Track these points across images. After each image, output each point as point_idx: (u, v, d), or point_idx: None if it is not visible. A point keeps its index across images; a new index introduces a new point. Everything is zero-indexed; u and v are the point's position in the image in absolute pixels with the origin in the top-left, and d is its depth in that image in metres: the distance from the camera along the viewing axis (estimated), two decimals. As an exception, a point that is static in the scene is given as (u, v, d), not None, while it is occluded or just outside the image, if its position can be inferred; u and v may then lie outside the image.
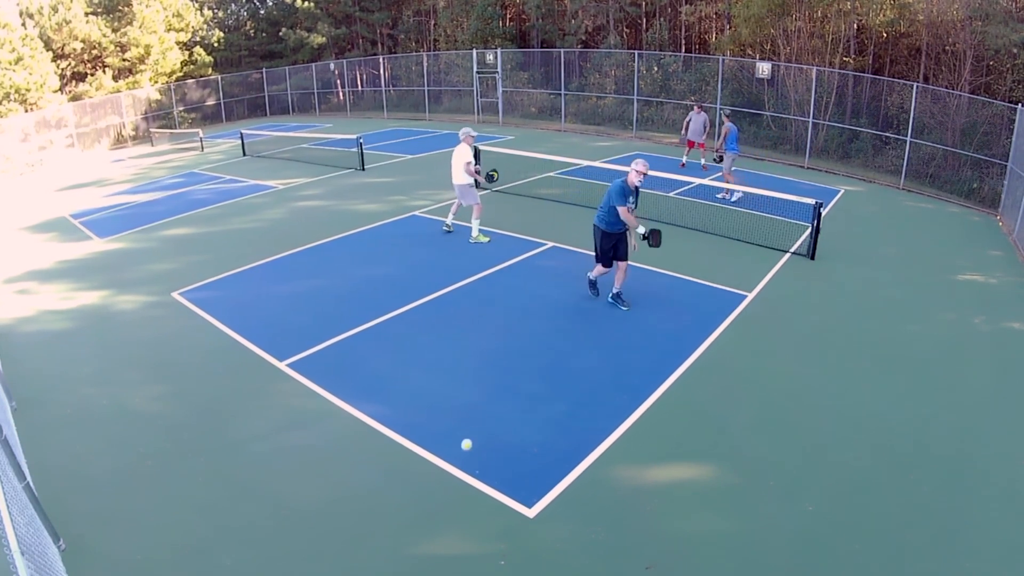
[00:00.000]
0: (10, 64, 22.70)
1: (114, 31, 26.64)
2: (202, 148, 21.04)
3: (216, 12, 32.73)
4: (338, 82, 30.18)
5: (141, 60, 27.16)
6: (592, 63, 23.68)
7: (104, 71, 26.73)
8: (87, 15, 26.47)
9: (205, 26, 30.80)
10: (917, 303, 7.99)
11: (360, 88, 30.70)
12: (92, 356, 6.79)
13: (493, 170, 10.52)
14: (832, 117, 17.56)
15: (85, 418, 5.60)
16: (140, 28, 26.67)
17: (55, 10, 25.86)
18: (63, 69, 26.22)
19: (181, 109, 28.14)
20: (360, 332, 6.97)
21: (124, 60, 26.97)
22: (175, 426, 5.42)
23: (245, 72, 31.04)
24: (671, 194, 12.32)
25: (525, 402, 5.64)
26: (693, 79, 20.86)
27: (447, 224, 10.25)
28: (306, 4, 30.12)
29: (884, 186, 14.75)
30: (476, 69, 24.08)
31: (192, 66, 29.39)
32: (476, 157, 9.84)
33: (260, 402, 5.76)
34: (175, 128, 26.74)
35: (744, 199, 11.96)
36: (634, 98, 21.03)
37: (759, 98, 19.24)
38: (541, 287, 8.14)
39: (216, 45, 30.60)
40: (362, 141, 16.00)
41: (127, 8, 26.75)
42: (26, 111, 23.13)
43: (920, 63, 17.97)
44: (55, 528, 4.04)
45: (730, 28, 22.21)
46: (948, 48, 16.99)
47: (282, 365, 6.33)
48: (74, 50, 26.32)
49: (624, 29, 26.26)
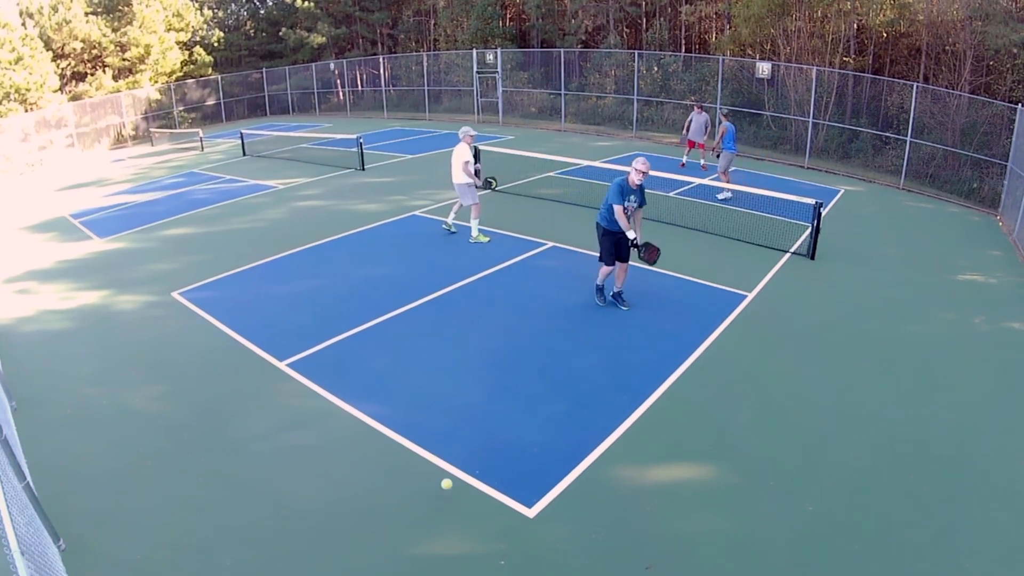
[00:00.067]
0: (10, 64, 22.70)
1: (114, 31, 26.65)
2: (202, 148, 21.04)
3: (216, 12, 32.74)
4: (338, 82, 30.18)
5: (141, 60, 27.17)
6: (592, 63, 23.68)
7: (104, 71, 26.74)
8: (87, 15, 26.48)
9: (205, 26, 30.82)
10: (917, 303, 7.99)
11: (360, 88, 30.70)
12: (92, 356, 6.79)
13: (492, 177, 10.52)
14: (832, 117, 17.56)
15: (85, 418, 5.60)
16: (140, 28, 26.69)
17: (55, 10, 25.87)
18: (63, 69, 26.23)
19: (181, 109, 28.14)
20: (360, 332, 6.98)
21: (124, 60, 26.98)
22: (175, 426, 5.43)
23: (245, 72, 31.05)
24: (671, 194, 12.32)
25: (525, 402, 5.64)
26: (693, 79, 20.86)
27: (448, 224, 10.24)
28: (306, 4, 30.12)
29: (884, 186, 14.75)
30: (476, 69, 24.08)
31: (192, 66, 29.40)
32: (476, 156, 9.82)
33: (260, 402, 5.77)
34: (175, 128, 26.74)
35: (745, 199, 11.95)
36: (634, 98, 21.03)
37: (759, 98, 19.23)
38: (541, 287, 8.14)
39: (216, 45, 30.62)
40: (362, 141, 16.00)
41: (127, 8, 26.76)
42: (26, 111, 23.13)
43: (920, 63, 17.97)
44: (55, 528, 4.04)
45: (730, 28, 22.21)
46: (948, 48, 16.99)
47: (282, 365, 6.33)
48: (74, 50, 26.33)
49: (624, 29, 26.26)
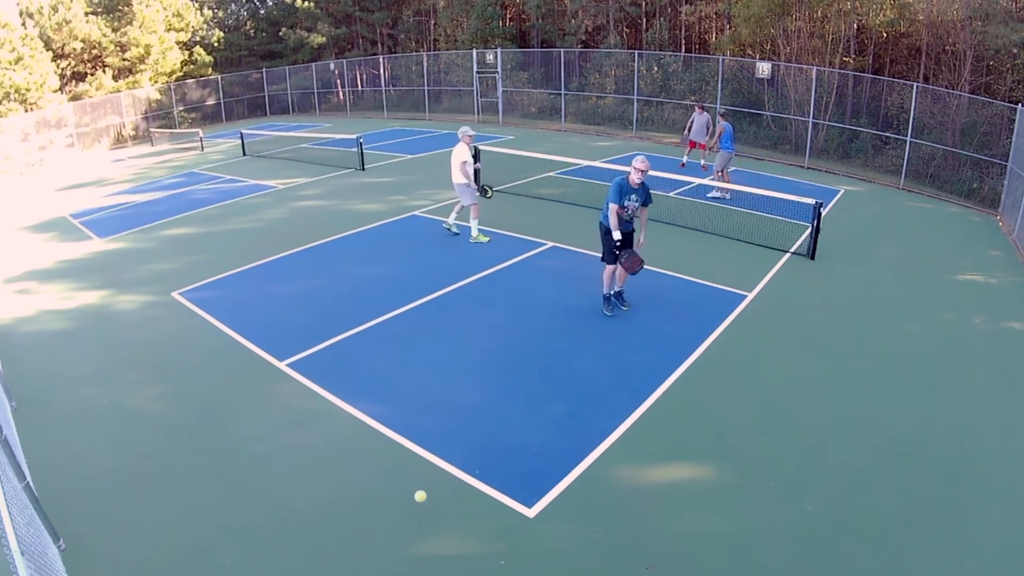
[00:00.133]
0: (10, 64, 22.70)
1: (114, 31, 26.64)
2: (202, 148, 21.04)
3: (216, 12, 32.74)
4: (338, 82, 30.18)
5: (141, 60, 27.17)
6: (592, 63, 23.68)
7: (104, 71, 26.74)
8: (87, 15, 26.47)
9: (205, 26, 30.81)
10: (917, 303, 7.99)
11: (360, 88, 30.70)
12: (92, 356, 6.79)
13: (488, 185, 10.51)
14: (832, 117, 17.56)
15: (85, 418, 5.60)
16: (140, 28, 26.68)
17: (55, 10, 25.86)
18: (63, 69, 26.23)
19: (181, 109, 28.14)
20: (360, 332, 6.98)
21: (124, 60, 26.98)
22: (175, 426, 5.42)
23: (245, 72, 31.05)
24: (671, 194, 12.32)
25: (525, 402, 5.64)
26: (693, 79, 20.85)
27: (449, 224, 10.23)
28: (306, 4, 30.12)
29: (884, 186, 14.75)
30: (476, 69, 24.08)
31: (192, 66, 29.39)
32: (476, 156, 9.82)
33: (260, 402, 5.77)
34: (175, 128, 26.74)
35: (745, 199, 11.95)
36: (634, 98, 21.03)
37: (759, 98, 19.23)
38: (541, 287, 8.14)
39: (216, 45, 30.61)
40: (362, 141, 16.00)
41: (127, 8, 26.75)
42: (26, 111, 23.13)
43: (920, 63, 17.97)
44: (55, 528, 4.03)
45: (730, 28, 22.21)
46: (948, 48, 16.99)
47: (282, 365, 6.33)
48: (74, 50, 26.32)
49: (624, 29, 26.25)
